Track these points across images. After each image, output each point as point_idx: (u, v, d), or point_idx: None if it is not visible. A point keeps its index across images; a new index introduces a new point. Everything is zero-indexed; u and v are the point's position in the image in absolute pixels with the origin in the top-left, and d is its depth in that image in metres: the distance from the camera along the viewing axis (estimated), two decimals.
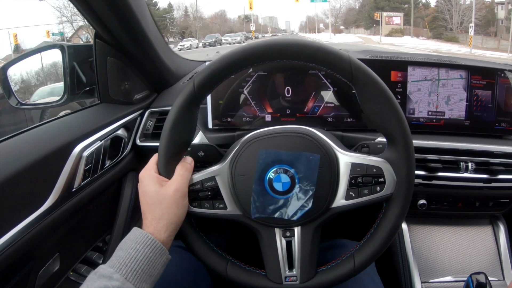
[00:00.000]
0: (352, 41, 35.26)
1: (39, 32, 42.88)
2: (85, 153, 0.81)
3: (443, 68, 0.99)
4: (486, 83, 0.99)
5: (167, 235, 0.61)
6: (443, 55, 1.29)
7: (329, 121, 0.97)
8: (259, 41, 0.61)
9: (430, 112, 1.01)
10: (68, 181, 0.76)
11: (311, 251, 0.67)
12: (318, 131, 0.68)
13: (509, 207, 1.05)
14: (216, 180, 0.67)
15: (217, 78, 0.63)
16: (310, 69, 0.96)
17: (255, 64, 0.63)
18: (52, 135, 0.80)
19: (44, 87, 2.23)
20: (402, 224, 0.82)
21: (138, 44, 0.97)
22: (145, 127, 1.06)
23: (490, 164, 0.97)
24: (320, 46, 0.60)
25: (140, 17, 0.90)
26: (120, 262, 0.56)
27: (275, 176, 0.65)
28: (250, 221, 0.68)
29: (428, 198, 1.01)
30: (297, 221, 0.66)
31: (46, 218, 0.71)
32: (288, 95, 0.97)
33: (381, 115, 0.62)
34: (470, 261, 1.05)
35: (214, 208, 0.67)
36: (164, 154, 0.65)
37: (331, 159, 0.65)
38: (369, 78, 0.61)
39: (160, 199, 0.62)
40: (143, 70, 1.06)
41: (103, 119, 0.93)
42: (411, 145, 0.63)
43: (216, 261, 0.69)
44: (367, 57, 1.06)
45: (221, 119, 0.99)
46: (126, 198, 1.00)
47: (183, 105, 0.64)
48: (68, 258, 0.84)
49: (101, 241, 0.98)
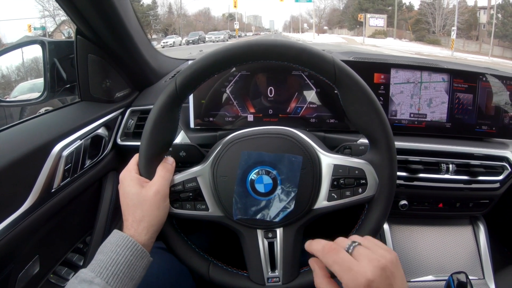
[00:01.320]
0: (336, 42, 35.60)
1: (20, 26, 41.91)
2: (64, 152, 0.79)
3: (425, 71, 1.00)
4: (468, 87, 1.01)
5: (148, 237, 0.60)
6: (425, 58, 1.31)
7: (311, 121, 0.97)
8: (243, 41, 0.61)
9: (412, 114, 1.02)
10: (47, 182, 0.74)
11: (293, 252, 0.67)
12: (301, 132, 0.68)
13: (489, 207, 1.07)
14: (197, 181, 0.67)
15: (200, 78, 0.62)
16: (293, 70, 0.95)
17: (238, 64, 0.62)
18: (31, 134, 0.78)
19: (25, 82, 2.18)
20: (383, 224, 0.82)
21: (120, 42, 0.96)
22: (126, 126, 1.04)
23: (470, 166, 0.99)
24: (305, 48, 0.60)
25: (122, 14, 0.89)
26: (101, 266, 0.55)
27: (257, 177, 0.65)
28: (232, 222, 0.67)
29: (410, 198, 1.02)
30: (279, 222, 0.66)
31: (25, 219, 0.69)
32: (271, 95, 0.97)
33: (364, 117, 0.62)
34: (451, 261, 1.06)
35: (195, 209, 0.67)
36: (145, 155, 0.64)
37: (314, 161, 0.65)
38: (353, 81, 0.61)
39: (140, 201, 0.61)
40: (125, 68, 1.05)
41: (84, 117, 0.91)
42: (394, 147, 0.64)
43: (198, 262, 0.69)
44: (351, 58, 1.06)
45: (203, 118, 0.98)
46: (106, 199, 0.98)
47: (165, 105, 0.63)
48: (48, 260, 0.82)
49: (81, 242, 0.95)
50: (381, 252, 0.52)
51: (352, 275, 0.49)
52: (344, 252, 0.52)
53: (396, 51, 21.57)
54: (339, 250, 0.52)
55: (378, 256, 0.50)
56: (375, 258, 0.50)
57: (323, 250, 0.53)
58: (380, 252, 0.52)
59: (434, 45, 32.47)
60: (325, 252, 0.53)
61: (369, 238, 0.56)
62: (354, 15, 47.21)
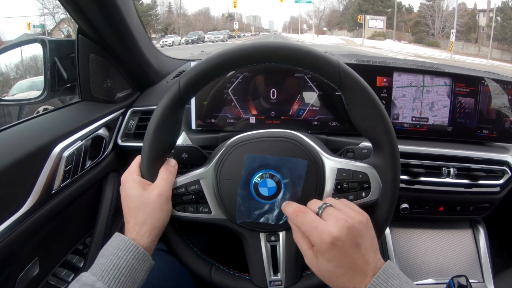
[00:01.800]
0: (335, 43, 35.66)
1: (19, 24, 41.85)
2: (65, 153, 0.78)
3: (428, 75, 1.00)
4: (469, 91, 1.01)
5: (150, 240, 0.60)
6: (426, 61, 1.31)
7: (313, 124, 0.97)
8: (247, 43, 0.60)
9: (414, 117, 1.02)
10: (48, 183, 0.74)
11: (296, 256, 0.67)
12: (305, 136, 0.68)
13: (489, 211, 1.07)
14: (200, 183, 0.66)
15: (204, 80, 0.61)
16: (295, 72, 0.95)
17: (243, 67, 0.62)
18: (31, 134, 0.77)
19: (23, 80, 2.17)
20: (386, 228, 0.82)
21: (122, 41, 0.95)
22: (127, 127, 1.04)
23: (471, 170, 0.99)
24: (309, 50, 0.60)
25: (125, 13, 0.89)
26: (103, 270, 0.54)
27: (261, 180, 0.64)
28: (235, 225, 0.67)
29: (411, 202, 1.02)
30: (282, 226, 0.66)
31: (25, 221, 0.68)
32: (273, 97, 0.97)
33: (368, 121, 0.62)
34: (451, 264, 1.06)
35: (198, 212, 0.66)
36: (147, 157, 0.64)
37: (317, 164, 0.65)
38: (358, 84, 0.61)
39: (143, 204, 0.60)
40: (127, 68, 1.04)
41: (84, 118, 0.91)
42: (397, 152, 0.64)
43: (200, 265, 0.68)
44: (353, 61, 1.06)
45: (205, 119, 0.97)
46: (107, 200, 0.97)
47: (168, 106, 0.62)
48: (47, 262, 0.82)
49: (81, 244, 0.95)
50: (350, 213, 0.55)
51: (318, 233, 0.53)
52: (311, 213, 0.57)
53: (395, 53, 21.62)
54: (306, 211, 0.57)
55: (346, 216, 0.54)
56: (343, 218, 0.54)
57: (292, 213, 0.58)
58: (349, 213, 0.55)
59: (433, 47, 32.56)
60: (294, 215, 0.58)
61: (343, 200, 0.61)
62: (354, 17, 47.33)
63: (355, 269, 0.52)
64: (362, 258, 0.53)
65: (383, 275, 0.52)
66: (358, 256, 0.53)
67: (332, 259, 0.53)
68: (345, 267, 0.52)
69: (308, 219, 0.56)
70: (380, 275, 0.51)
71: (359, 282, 0.52)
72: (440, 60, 16.82)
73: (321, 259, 0.54)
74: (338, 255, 0.52)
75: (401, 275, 0.53)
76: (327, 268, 0.53)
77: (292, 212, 0.58)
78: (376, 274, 0.51)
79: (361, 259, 0.53)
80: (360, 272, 0.52)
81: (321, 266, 0.54)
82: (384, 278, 0.51)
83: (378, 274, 0.51)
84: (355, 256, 0.52)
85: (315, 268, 0.56)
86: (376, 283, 0.51)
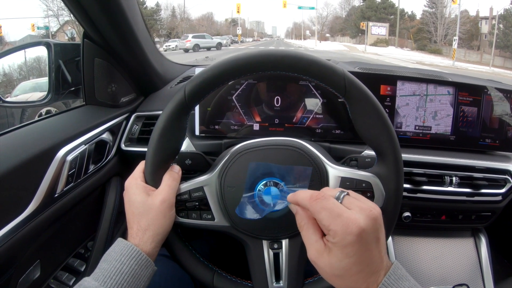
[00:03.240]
0: (338, 49, 35.72)
1: (24, 25, 42.03)
2: (69, 157, 0.79)
3: (431, 84, 1.00)
4: (472, 100, 1.01)
5: (153, 247, 0.60)
6: (429, 69, 1.31)
7: (317, 132, 0.97)
8: (253, 51, 0.61)
9: (417, 126, 1.02)
10: (51, 186, 0.74)
11: (298, 263, 0.67)
12: (309, 144, 0.68)
13: (491, 220, 1.07)
14: (204, 190, 0.66)
15: (209, 87, 0.62)
16: (300, 79, 0.95)
17: (248, 74, 0.62)
18: (35, 138, 0.78)
19: (26, 82, 2.17)
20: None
21: (128, 46, 0.96)
22: (131, 131, 1.04)
23: (473, 179, 0.99)
24: (315, 60, 0.60)
25: (131, 18, 0.89)
26: (105, 275, 0.54)
27: (264, 189, 0.64)
28: (238, 232, 0.67)
29: (413, 210, 1.02)
30: (285, 234, 0.66)
31: (28, 224, 0.68)
32: (277, 105, 0.97)
33: (373, 130, 0.62)
34: (453, 273, 1.06)
35: (201, 219, 0.66)
36: (151, 163, 0.64)
37: (321, 173, 0.65)
38: (363, 94, 0.61)
39: (146, 209, 0.60)
40: (131, 73, 1.05)
41: (88, 122, 0.91)
42: (401, 161, 0.64)
43: (202, 272, 0.68)
44: (356, 69, 1.06)
45: (208, 126, 0.98)
46: (109, 204, 0.97)
47: (173, 113, 0.62)
48: (49, 265, 0.82)
49: (83, 248, 0.95)
50: (370, 203, 0.50)
51: (343, 222, 0.46)
52: (334, 199, 0.50)
53: (397, 59, 21.65)
54: (327, 197, 0.50)
55: (369, 206, 0.49)
56: (367, 207, 0.48)
57: (311, 197, 0.50)
58: (369, 203, 0.50)
59: (436, 55, 32.60)
60: (312, 199, 0.50)
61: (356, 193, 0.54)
62: (357, 23, 47.52)
63: (372, 266, 0.47)
64: (379, 255, 0.48)
65: (394, 275, 0.47)
66: (376, 252, 0.47)
67: (353, 254, 0.46)
68: (363, 264, 0.46)
69: (332, 205, 0.48)
70: (391, 275, 0.47)
71: (372, 281, 0.47)
72: (442, 67, 16.85)
73: (338, 253, 0.47)
74: (360, 249, 0.46)
75: (410, 278, 0.49)
76: (342, 265, 0.46)
77: (310, 196, 0.50)
78: (387, 273, 0.47)
79: (378, 255, 0.48)
80: (376, 270, 0.47)
81: (334, 262, 0.47)
82: (395, 278, 0.47)
83: (389, 274, 0.47)
84: (375, 251, 0.47)
85: (324, 265, 0.48)
86: (388, 283, 0.46)
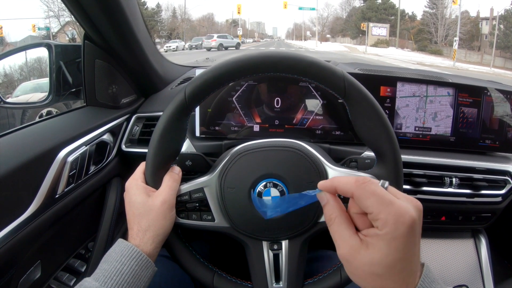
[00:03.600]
0: (338, 50, 35.75)
1: (24, 26, 42.11)
2: (69, 158, 0.79)
3: (431, 85, 1.00)
4: (472, 101, 1.01)
5: (153, 247, 0.60)
6: (429, 70, 1.31)
7: (317, 133, 0.97)
8: (253, 53, 0.61)
9: (417, 127, 1.02)
10: (52, 187, 0.74)
11: (298, 264, 0.67)
12: (308, 145, 0.68)
13: (491, 221, 1.07)
14: (204, 191, 0.66)
15: (209, 89, 0.62)
16: (300, 81, 0.95)
17: (248, 76, 0.62)
18: (36, 139, 0.78)
19: (27, 82, 2.18)
20: None
21: (128, 47, 0.96)
22: (131, 133, 1.04)
23: (473, 180, 0.99)
24: (314, 61, 0.60)
25: (131, 19, 0.89)
26: (105, 276, 0.55)
27: (264, 190, 0.65)
28: (238, 233, 0.67)
29: None
30: (285, 235, 0.66)
31: (28, 225, 0.68)
32: (277, 106, 0.97)
33: (372, 131, 0.62)
34: (453, 273, 1.06)
35: (201, 220, 0.67)
36: (151, 164, 0.64)
37: (321, 174, 0.65)
38: (362, 95, 0.61)
39: (147, 210, 0.61)
40: (132, 74, 1.05)
41: (89, 123, 0.91)
42: (400, 162, 0.64)
43: (202, 273, 0.68)
44: (356, 70, 1.06)
45: (209, 127, 0.98)
46: (110, 205, 0.98)
47: (173, 114, 0.63)
48: (49, 265, 0.82)
49: (83, 248, 0.95)
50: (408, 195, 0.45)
51: (395, 210, 0.40)
52: (381, 186, 0.44)
53: (398, 60, 21.65)
54: (375, 182, 0.44)
55: (413, 198, 0.44)
56: (412, 198, 0.44)
57: (357, 181, 0.44)
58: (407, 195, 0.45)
59: (436, 55, 32.59)
60: (360, 182, 0.43)
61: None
62: (357, 24, 47.54)
63: (413, 265, 0.42)
64: (418, 253, 0.43)
65: (428, 278, 0.43)
66: (418, 249, 0.43)
67: (401, 248, 0.40)
68: (408, 261, 0.41)
69: (382, 191, 0.42)
70: (425, 277, 0.43)
71: (411, 282, 0.42)
72: (443, 68, 16.84)
73: (384, 248, 0.41)
74: (408, 243, 0.40)
75: (440, 281, 0.44)
76: (387, 261, 0.40)
77: (355, 180, 0.44)
78: (422, 275, 0.43)
79: (418, 253, 0.43)
80: (415, 270, 0.42)
81: (378, 258, 0.41)
82: (429, 282, 0.43)
83: (423, 276, 0.43)
84: (417, 247, 0.42)
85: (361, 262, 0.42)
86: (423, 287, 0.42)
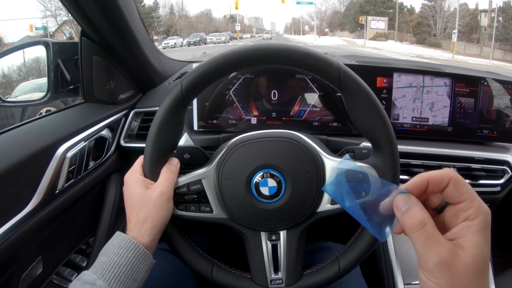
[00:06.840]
0: (337, 44, 35.62)
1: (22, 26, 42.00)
2: (68, 154, 0.79)
3: (428, 75, 1.01)
4: (469, 91, 1.01)
5: (151, 239, 0.61)
6: (427, 61, 1.31)
7: (314, 125, 0.98)
8: (249, 45, 0.61)
9: (414, 118, 1.02)
10: (51, 183, 0.74)
11: (296, 255, 0.68)
12: (305, 136, 0.69)
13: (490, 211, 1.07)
14: (202, 183, 0.67)
15: (206, 81, 0.62)
16: (296, 73, 0.95)
17: (244, 68, 0.63)
18: (36, 135, 0.78)
19: (26, 82, 2.18)
20: None
21: (125, 44, 0.96)
22: (130, 128, 1.05)
23: (472, 170, 1.00)
24: (309, 52, 0.61)
25: (128, 15, 0.89)
26: (103, 268, 0.55)
27: (261, 180, 0.65)
28: (236, 224, 0.68)
29: None
30: (283, 225, 0.67)
31: (29, 220, 0.69)
32: (274, 98, 0.97)
33: (368, 121, 0.63)
34: None
35: (200, 212, 0.67)
36: (149, 157, 0.65)
37: (318, 164, 0.66)
38: (357, 85, 0.61)
39: (144, 202, 0.61)
40: (129, 70, 1.05)
41: (88, 119, 0.91)
42: (397, 152, 0.64)
43: (202, 264, 0.69)
44: (353, 62, 1.06)
45: (207, 120, 0.98)
46: (110, 200, 0.98)
47: (170, 107, 0.63)
48: (51, 261, 0.83)
49: (84, 244, 0.96)
50: None
51: (481, 203, 0.39)
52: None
53: (397, 53, 21.60)
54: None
55: None
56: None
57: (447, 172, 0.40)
58: None
59: (435, 48, 32.52)
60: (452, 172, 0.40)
61: None
62: (356, 18, 47.35)
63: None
64: None
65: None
66: None
67: (488, 238, 0.38)
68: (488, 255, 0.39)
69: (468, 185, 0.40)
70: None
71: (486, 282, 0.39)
72: (442, 61, 16.79)
73: (480, 240, 0.37)
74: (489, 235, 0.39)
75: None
76: (484, 255, 0.37)
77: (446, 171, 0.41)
78: None
79: None
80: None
81: (478, 254, 0.37)
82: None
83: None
84: None
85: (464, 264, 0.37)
86: None
